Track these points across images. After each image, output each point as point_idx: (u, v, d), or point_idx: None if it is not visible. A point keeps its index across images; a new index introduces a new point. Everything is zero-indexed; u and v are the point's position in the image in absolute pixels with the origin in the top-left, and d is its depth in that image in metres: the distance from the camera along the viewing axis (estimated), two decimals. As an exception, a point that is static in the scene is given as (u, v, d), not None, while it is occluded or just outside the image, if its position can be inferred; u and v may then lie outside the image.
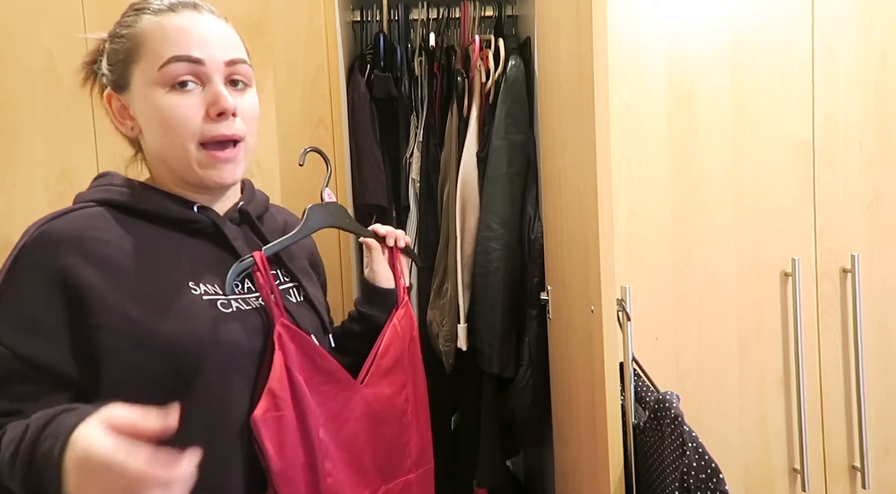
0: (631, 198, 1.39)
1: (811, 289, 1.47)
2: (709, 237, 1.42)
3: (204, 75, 0.76)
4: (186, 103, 0.75)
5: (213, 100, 0.76)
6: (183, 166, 0.78)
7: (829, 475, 1.49)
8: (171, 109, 0.75)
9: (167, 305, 0.74)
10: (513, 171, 1.55)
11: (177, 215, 0.80)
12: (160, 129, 0.77)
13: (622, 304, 1.12)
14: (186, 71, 0.75)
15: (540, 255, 1.52)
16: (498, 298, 1.54)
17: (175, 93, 0.75)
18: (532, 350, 1.54)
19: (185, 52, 0.75)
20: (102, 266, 0.72)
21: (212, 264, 0.81)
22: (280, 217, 0.98)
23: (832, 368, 1.49)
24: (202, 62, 0.76)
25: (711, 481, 0.89)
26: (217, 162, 0.78)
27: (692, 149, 1.41)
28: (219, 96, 0.76)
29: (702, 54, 1.39)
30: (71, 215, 0.75)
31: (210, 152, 0.77)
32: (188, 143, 0.76)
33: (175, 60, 0.75)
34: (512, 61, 1.54)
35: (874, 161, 1.46)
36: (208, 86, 0.77)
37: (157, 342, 0.72)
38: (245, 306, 0.81)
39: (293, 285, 0.91)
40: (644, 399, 1.13)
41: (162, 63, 0.75)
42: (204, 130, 0.76)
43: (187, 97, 0.76)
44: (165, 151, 0.78)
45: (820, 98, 1.43)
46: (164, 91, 0.75)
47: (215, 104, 0.76)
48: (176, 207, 0.80)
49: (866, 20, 1.43)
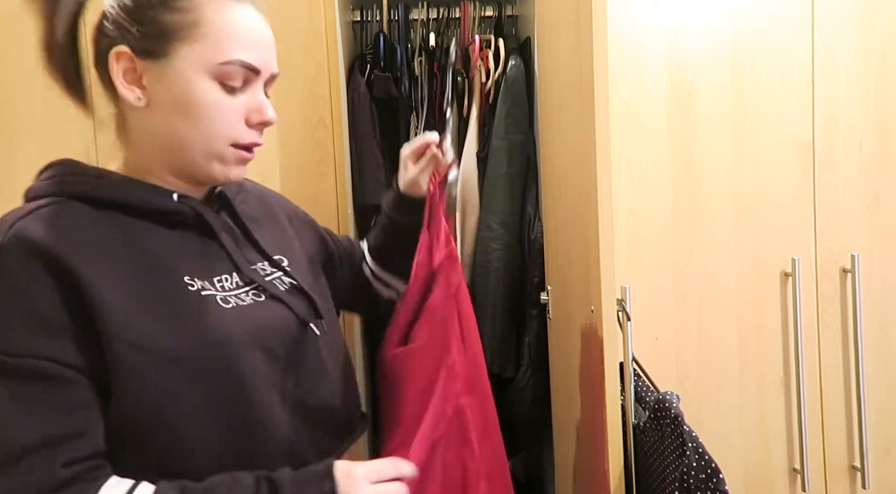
0: (631, 198, 1.39)
1: (811, 289, 1.47)
2: (709, 237, 1.42)
3: (251, 81, 0.76)
4: (233, 105, 0.74)
5: (259, 109, 0.76)
6: (200, 159, 0.75)
7: (829, 475, 1.49)
8: (218, 105, 0.73)
9: (171, 310, 0.70)
10: (513, 171, 1.55)
11: (158, 206, 0.75)
12: (194, 119, 0.73)
13: (622, 304, 1.11)
14: (243, 75, 0.74)
15: (540, 255, 1.52)
16: (498, 298, 1.54)
17: (222, 90, 0.73)
18: (532, 350, 1.54)
19: (251, 61, 0.74)
20: (97, 272, 0.67)
21: (200, 257, 0.77)
22: (254, 191, 0.95)
23: (832, 368, 1.49)
24: (257, 71, 0.75)
25: (711, 481, 0.89)
26: (241, 162, 0.77)
27: (692, 149, 1.41)
28: (265, 108, 0.76)
29: (702, 54, 1.39)
30: (42, 212, 0.68)
31: (240, 152, 0.76)
32: (221, 142, 0.75)
33: (240, 65, 0.73)
34: (512, 61, 1.54)
35: (874, 161, 1.46)
36: (251, 91, 0.76)
37: (166, 351, 0.68)
38: (242, 302, 0.77)
39: (278, 274, 0.86)
40: (644, 399, 1.13)
41: (226, 61, 0.72)
42: (241, 134, 0.75)
43: (234, 99, 0.74)
44: (185, 139, 0.74)
45: (820, 98, 1.43)
46: (214, 84, 0.73)
47: (260, 114, 0.76)
48: (158, 198, 0.75)
49: (866, 20, 1.43)
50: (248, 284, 0.79)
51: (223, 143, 0.74)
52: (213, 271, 0.76)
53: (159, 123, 0.74)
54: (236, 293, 0.77)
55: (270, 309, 0.79)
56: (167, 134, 0.74)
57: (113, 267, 0.68)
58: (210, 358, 0.71)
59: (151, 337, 0.68)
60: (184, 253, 0.75)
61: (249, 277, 0.80)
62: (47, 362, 0.64)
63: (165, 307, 0.70)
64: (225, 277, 0.77)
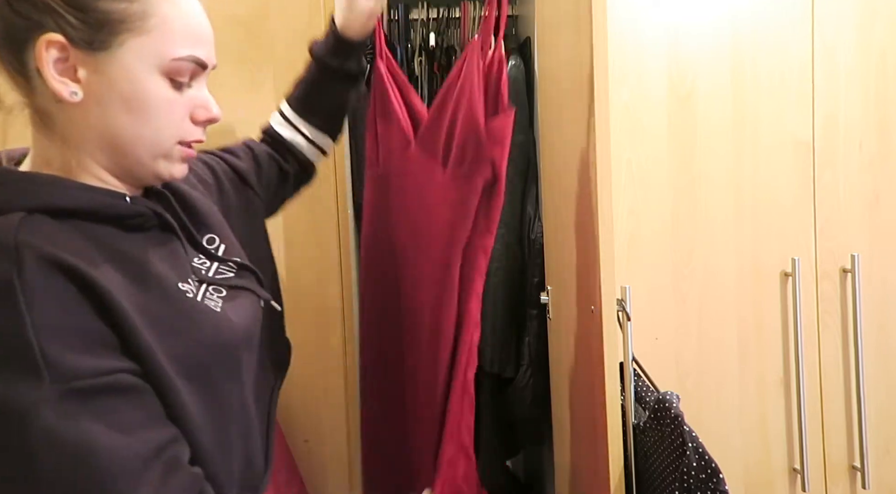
0: (631, 198, 1.39)
1: (811, 289, 1.47)
2: (709, 237, 1.42)
3: (198, 76, 0.72)
4: (180, 101, 0.70)
5: (205, 105, 0.72)
6: (147, 158, 0.69)
7: (829, 475, 1.49)
8: (167, 103, 0.68)
9: (180, 319, 0.68)
10: (513, 171, 1.54)
11: (120, 211, 0.69)
12: (143, 117, 0.67)
13: (622, 304, 1.12)
14: (192, 72, 0.70)
15: (540, 255, 1.52)
16: (498, 298, 1.54)
17: (170, 85, 0.68)
18: (532, 350, 1.54)
19: (202, 56, 0.70)
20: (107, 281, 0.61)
21: (172, 259, 0.73)
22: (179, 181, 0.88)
23: (832, 368, 1.49)
24: (207, 67, 0.71)
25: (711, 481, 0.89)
26: (186, 159, 0.73)
27: (692, 149, 1.41)
28: (210, 104, 0.72)
29: (702, 54, 1.39)
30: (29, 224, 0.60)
31: (185, 150, 0.72)
32: (169, 141, 0.70)
33: (192, 61, 0.69)
34: (512, 61, 1.54)
35: (874, 161, 1.46)
36: (196, 86, 0.72)
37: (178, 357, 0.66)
38: (222, 294, 0.75)
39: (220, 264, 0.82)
40: (644, 399, 1.13)
41: (180, 57, 0.67)
42: (188, 131, 0.71)
43: (181, 95, 0.70)
44: (128, 136, 0.67)
45: (820, 98, 1.43)
46: (163, 80, 0.68)
47: (207, 110, 0.72)
48: (117, 202, 0.69)
49: (866, 20, 1.43)
50: (203, 280, 0.75)
51: (171, 141, 0.70)
52: (186, 273, 0.73)
53: (98, 120, 0.66)
54: (205, 293, 0.74)
55: (245, 305, 0.78)
56: (109, 132, 0.67)
57: (113, 277, 0.63)
58: (220, 363, 0.71)
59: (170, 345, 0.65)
60: (158, 258, 0.71)
61: (202, 273, 0.76)
62: (120, 374, 0.59)
63: (175, 317, 0.67)
64: (192, 277, 0.74)
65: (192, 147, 0.73)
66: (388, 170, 1.43)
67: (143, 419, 0.61)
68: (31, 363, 0.54)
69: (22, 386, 0.54)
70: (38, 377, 0.54)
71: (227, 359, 0.72)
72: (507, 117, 1.25)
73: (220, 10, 1.44)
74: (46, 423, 0.54)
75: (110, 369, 0.59)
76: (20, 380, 0.54)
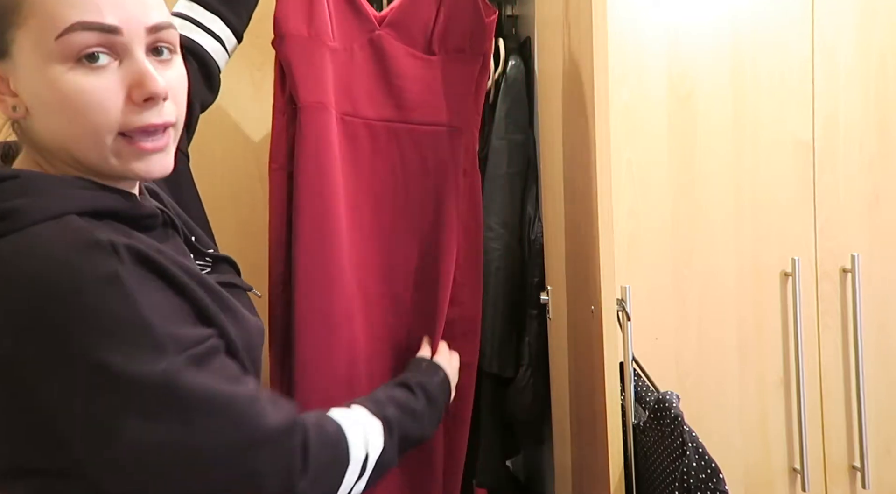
0: (631, 198, 1.39)
1: (811, 289, 1.47)
2: (709, 237, 1.42)
3: (121, 47, 0.59)
4: (100, 85, 0.59)
5: (138, 81, 0.60)
6: (97, 161, 0.62)
7: (829, 475, 1.49)
8: (79, 92, 0.58)
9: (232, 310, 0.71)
10: (513, 171, 1.55)
11: (140, 211, 0.67)
12: (63, 116, 0.59)
13: (622, 304, 1.12)
14: (96, 42, 0.58)
15: (540, 255, 1.52)
16: (498, 298, 1.54)
17: (83, 70, 0.58)
18: (532, 350, 1.54)
19: (94, 18, 0.57)
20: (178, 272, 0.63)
21: (186, 257, 0.73)
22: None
23: (832, 368, 1.49)
24: (118, 31, 0.58)
25: (711, 481, 0.89)
26: (144, 154, 0.63)
27: (692, 149, 1.41)
28: (145, 77, 0.60)
29: (702, 54, 1.39)
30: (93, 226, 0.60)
31: (136, 145, 0.62)
32: (104, 135, 0.60)
33: (80, 28, 0.57)
34: (512, 61, 1.54)
35: (874, 161, 1.46)
36: (127, 60, 0.60)
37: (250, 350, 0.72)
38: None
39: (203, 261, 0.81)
40: (644, 399, 1.13)
41: (61, 31, 0.57)
42: (127, 119, 0.60)
43: (100, 76, 0.59)
44: (70, 141, 0.61)
45: (820, 98, 1.43)
46: (67, 67, 0.58)
47: (141, 87, 0.60)
48: (132, 201, 0.67)
49: (866, 20, 1.43)
50: None
51: (110, 135, 0.61)
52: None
53: (45, 129, 0.62)
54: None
55: (238, 295, 0.79)
56: (55, 139, 0.62)
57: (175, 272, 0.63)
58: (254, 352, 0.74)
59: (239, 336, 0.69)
60: (181, 255, 0.70)
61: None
62: (211, 339, 0.64)
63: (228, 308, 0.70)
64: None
65: (152, 139, 0.63)
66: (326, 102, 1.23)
67: (239, 370, 0.67)
68: (155, 340, 0.57)
69: (151, 361, 0.57)
70: (164, 350, 0.58)
71: (256, 349, 0.75)
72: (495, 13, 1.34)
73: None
74: (190, 385, 0.59)
75: (206, 336, 0.64)
76: (149, 356, 0.57)
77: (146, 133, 0.62)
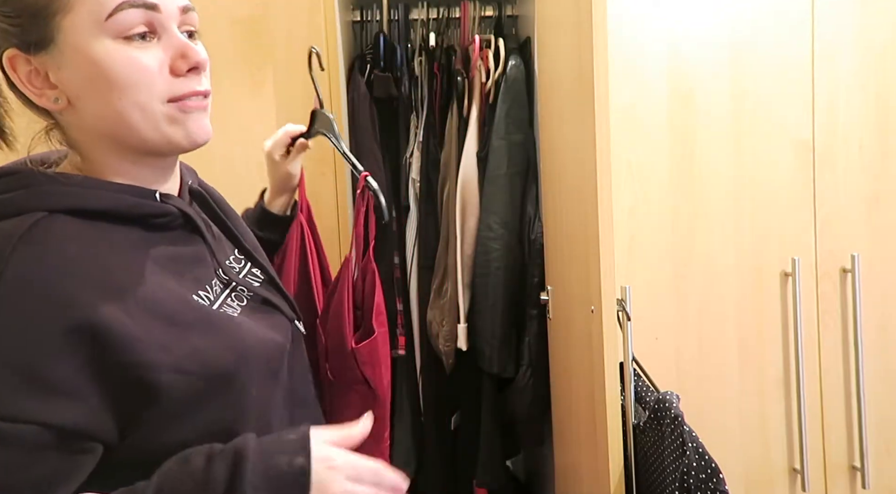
0: (631, 198, 1.39)
1: (811, 289, 1.47)
2: (709, 237, 1.42)
3: (159, 25, 0.64)
4: (149, 57, 0.63)
5: (182, 52, 0.65)
6: (148, 131, 0.65)
7: (829, 475, 1.49)
8: (130, 63, 0.62)
9: (190, 323, 0.65)
10: (513, 171, 1.55)
11: (148, 210, 0.67)
12: (117, 89, 0.63)
13: (622, 304, 1.12)
14: (142, 20, 0.63)
15: (540, 255, 1.52)
16: (498, 298, 1.54)
17: (132, 45, 0.63)
18: (532, 350, 1.54)
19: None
20: (105, 293, 0.59)
21: (194, 264, 0.71)
22: (207, 183, 0.87)
23: (832, 368, 1.49)
24: (157, 8, 0.64)
25: (711, 481, 0.89)
26: (192, 112, 0.67)
27: (692, 149, 1.41)
28: (188, 48, 0.65)
29: (702, 54, 1.39)
30: (33, 236, 0.58)
31: (184, 104, 0.66)
32: (155, 103, 0.64)
33: (128, 6, 0.62)
34: (512, 61, 1.54)
35: (874, 161, 1.46)
36: (166, 36, 0.65)
37: (197, 365, 0.63)
38: (242, 303, 0.74)
39: (248, 266, 0.81)
40: (644, 399, 1.13)
41: (111, 11, 0.61)
42: (173, 86, 0.65)
43: (147, 51, 0.64)
44: (118, 120, 0.64)
45: (820, 98, 1.43)
46: (116, 42, 0.62)
47: (185, 58, 0.65)
48: (145, 200, 0.68)
49: (866, 20, 1.43)
50: (227, 285, 0.74)
51: (159, 102, 0.65)
52: (207, 277, 0.71)
53: (90, 114, 0.65)
54: (225, 300, 0.73)
55: (268, 319, 0.76)
56: (104, 122, 0.65)
57: (124, 292, 0.60)
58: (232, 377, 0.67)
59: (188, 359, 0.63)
60: (179, 262, 0.69)
61: (227, 275, 0.74)
62: (34, 426, 0.55)
63: (188, 327, 0.64)
64: (214, 281, 0.72)
65: (198, 99, 0.67)
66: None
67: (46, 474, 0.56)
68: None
69: None
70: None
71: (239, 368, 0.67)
72: (375, 341, 1.09)
73: (221, 11, 1.44)
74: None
75: (28, 417, 0.54)
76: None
77: (191, 98, 0.67)
